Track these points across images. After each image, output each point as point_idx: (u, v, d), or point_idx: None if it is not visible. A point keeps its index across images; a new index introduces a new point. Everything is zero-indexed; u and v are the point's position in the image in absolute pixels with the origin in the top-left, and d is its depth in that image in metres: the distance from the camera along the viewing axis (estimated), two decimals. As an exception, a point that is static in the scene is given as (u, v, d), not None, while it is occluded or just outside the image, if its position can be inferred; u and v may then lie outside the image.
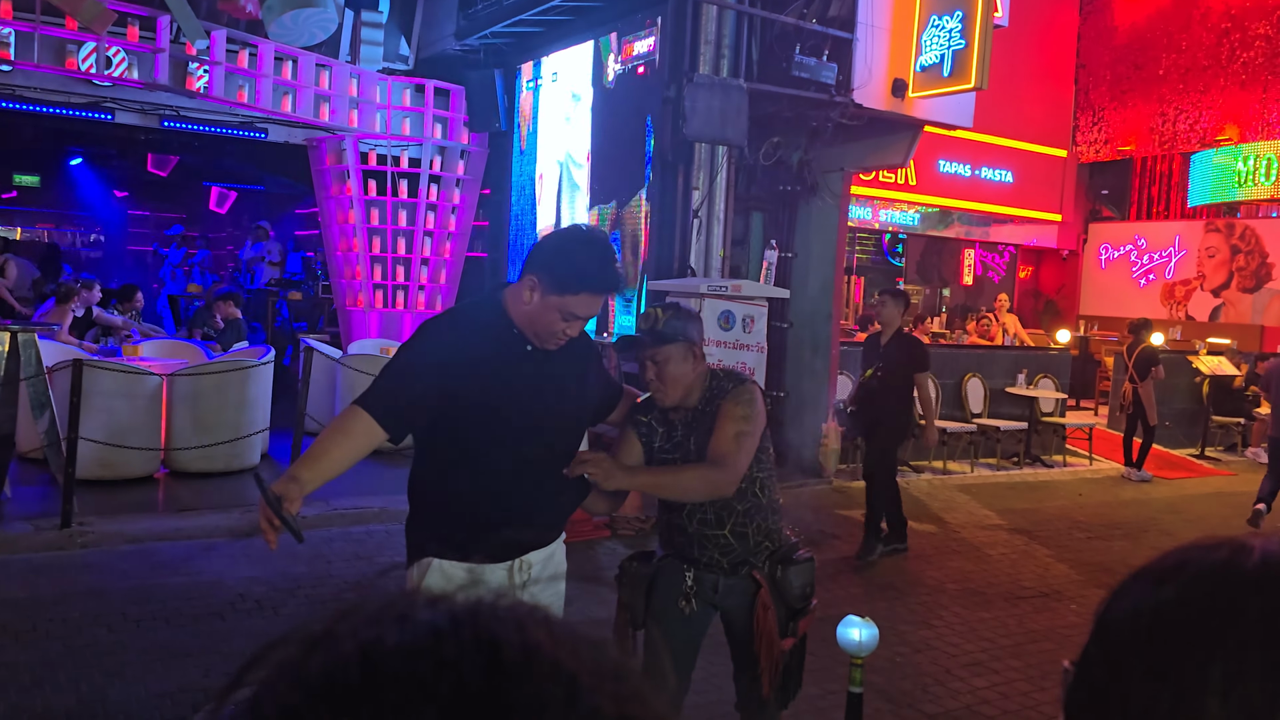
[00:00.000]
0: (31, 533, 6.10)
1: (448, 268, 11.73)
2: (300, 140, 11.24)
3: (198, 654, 4.63)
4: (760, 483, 2.97)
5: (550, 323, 2.49)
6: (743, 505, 2.94)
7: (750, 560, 2.97)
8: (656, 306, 2.89)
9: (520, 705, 0.45)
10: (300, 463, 2.40)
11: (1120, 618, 0.69)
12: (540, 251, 2.55)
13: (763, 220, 9.67)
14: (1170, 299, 15.06)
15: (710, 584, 2.99)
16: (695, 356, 2.88)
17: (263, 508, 2.23)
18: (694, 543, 2.97)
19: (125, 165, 16.48)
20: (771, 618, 2.93)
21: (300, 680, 0.47)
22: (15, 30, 8.73)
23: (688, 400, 2.91)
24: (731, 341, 7.41)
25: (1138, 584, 0.70)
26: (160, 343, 8.77)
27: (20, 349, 6.51)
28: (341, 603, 0.53)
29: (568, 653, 0.49)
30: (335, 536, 6.51)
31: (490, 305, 2.60)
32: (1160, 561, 0.71)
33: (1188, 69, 13.56)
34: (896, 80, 8.49)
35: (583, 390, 2.74)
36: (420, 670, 0.46)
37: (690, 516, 2.96)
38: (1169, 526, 8.36)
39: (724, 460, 2.76)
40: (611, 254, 2.57)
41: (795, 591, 2.97)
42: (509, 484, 2.55)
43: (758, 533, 2.97)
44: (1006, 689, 4.81)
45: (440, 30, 11.66)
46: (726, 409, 2.84)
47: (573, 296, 2.47)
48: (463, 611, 0.50)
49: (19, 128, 11.99)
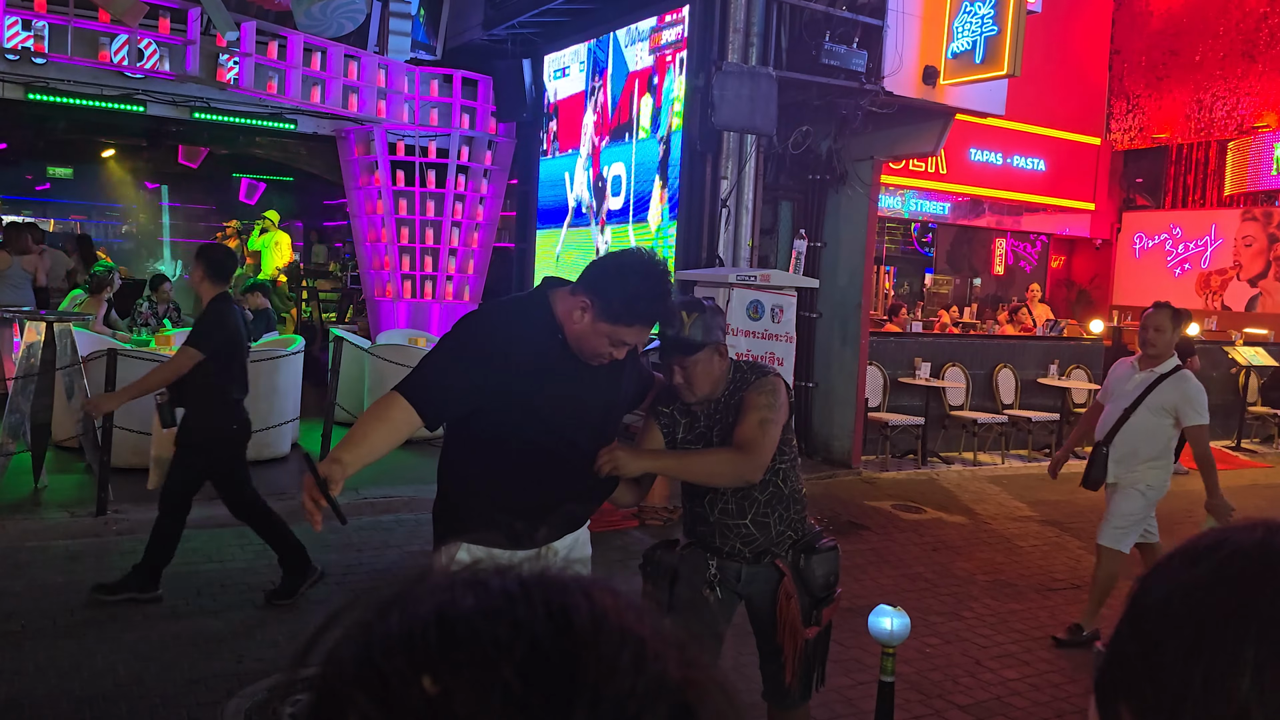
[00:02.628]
0: (68, 520, 6.19)
1: (476, 258, 11.75)
2: (329, 131, 11.29)
3: (230, 640, 4.68)
4: (783, 473, 2.97)
5: (597, 345, 2.51)
6: (764, 495, 2.94)
7: (773, 549, 2.97)
8: (681, 309, 2.85)
9: (590, 666, 0.47)
10: (341, 445, 2.42)
11: (1154, 596, 0.69)
12: (598, 274, 2.53)
13: (791, 209, 9.61)
14: (1206, 288, 14.83)
15: (733, 572, 3.00)
16: (720, 354, 2.89)
17: (309, 488, 2.24)
18: (716, 532, 2.98)
19: (156, 156, 16.61)
20: (795, 606, 2.93)
21: (378, 640, 0.49)
22: (49, 23, 8.82)
23: (712, 394, 2.92)
24: (760, 331, 7.37)
25: (1172, 563, 0.70)
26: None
27: (56, 339, 6.59)
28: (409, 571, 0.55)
29: (634, 619, 0.50)
30: (365, 525, 6.55)
31: (538, 304, 2.59)
32: (1196, 541, 0.71)
33: (1225, 55, 13.33)
34: (927, 67, 8.41)
35: (620, 387, 2.74)
36: (495, 631, 0.48)
37: (711, 505, 2.96)
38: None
39: (749, 446, 2.76)
40: (668, 286, 2.56)
41: (819, 580, 2.96)
42: (541, 476, 2.56)
43: (780, 522, 2.96)
44: (1038, 680, 4.77)
45: (468, 20, 11.67)
46: (750, 399, 2.84)
47: (625, 327, 2.48)
48: (532, 578, 0.52)
49: (53, 120, 12.11)
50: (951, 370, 10.44)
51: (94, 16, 8.83)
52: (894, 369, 10.10)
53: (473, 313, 2.65)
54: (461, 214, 11.54)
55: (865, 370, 9.32)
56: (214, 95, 10.12)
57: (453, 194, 11.40)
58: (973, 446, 10.24)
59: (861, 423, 9.25)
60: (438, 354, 2.53)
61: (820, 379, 9.49)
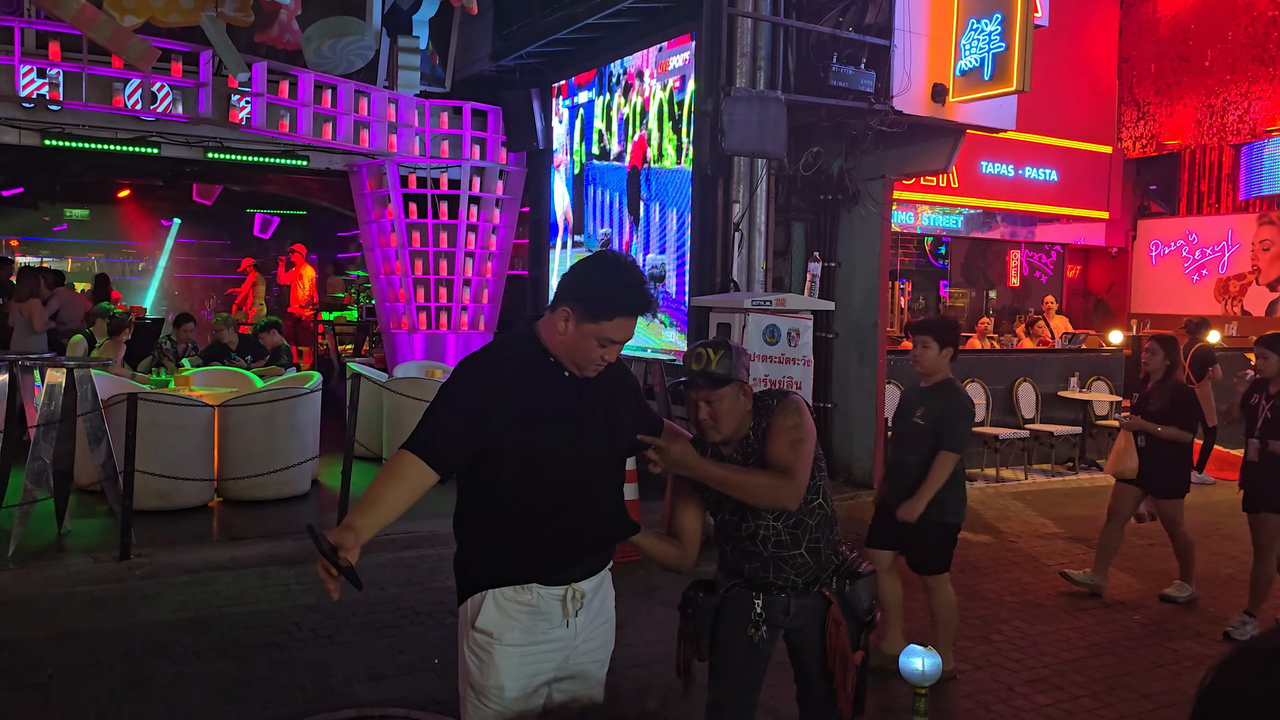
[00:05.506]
0: (92, 565, 6.20)
1: (490, 287, 11.78)
2: (341, 166, 11.37)
3: (257, 685, 4.67)
4: (823, 491, 3.01)
5: (588, 350, 2.51)
6: (814, 520, 2.97)
7: (821, 577, 2.99)
8: (707, 346, 2.88)
9: None
10: (355, 511, 2.41)
11: (1223, 702, 0.67)
12: (569, 281, 2.56)
13: (804, 230, 9.60)
14: (1225, 294, 14.71)
15: (781, 607, 3.00)
16: (746, 394, 2.90)
17: (320, 558, 2.24)
18: (770, 566, 2.98)
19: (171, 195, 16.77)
20: (844, 634, 2.95)
21: None
22: (64, 70, 8.92)
23: (737, 434, 2.92)
24: (777, 356, 7.35)
25: (1241, 666, 0.68)
26: (210, 372, 8.89)
27: (77, 385, 6.63)
28: None
29: None
30: (387, 562, 6.54)
31: (526, 339, 2.61)
32: (1265, 642, 0.69)
33: (1235, 59, 13.27)
34: (936, 85, 8.40)
35: (621, 418, 2.73)
36: None
37: (765, 542, 2.96)
38: (1232, 531, 8.13)
39: (788, 469, 2.77)
40: (640, 275, 2.58)
41: (864, 605, 3.00)
42: (555, 513, 2.55)
43: (828, 546, 3.01)
44: (1071, 705, 4.70)
45: (476, 52, 11.75)
46: (776, 423, 2.86)
47: (607, 322, 2.48)
48: None
49: (69, 164, 12.24)
50: (970, 386, 10.37)
51: (107, 62, 8.92)
52: (912, 387, 10.03)
53: (466, 360, 2.66)
54: (475, 244, 11.58)
55: (884, 389, 9.27)
56: (227, 135, 10.21)
57: (465, 224, 11.45)
58: (995, 462, 10.16)
59: (882, 443, 9.19)
60: (439, 406, 2.53)
61: (839, 399, 9.44)
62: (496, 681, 2.52)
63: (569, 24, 10.06)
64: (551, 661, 2.59)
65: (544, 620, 2.55)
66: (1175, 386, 6.32)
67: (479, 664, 2.55)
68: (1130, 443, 6.36)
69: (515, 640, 2.53)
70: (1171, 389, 6.30)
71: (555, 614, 2.57)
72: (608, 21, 9.75)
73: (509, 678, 2.52)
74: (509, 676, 2.52)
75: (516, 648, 2.53)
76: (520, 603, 2.54)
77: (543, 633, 2.55)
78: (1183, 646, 5.56)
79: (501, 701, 2.53)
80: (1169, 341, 6.48)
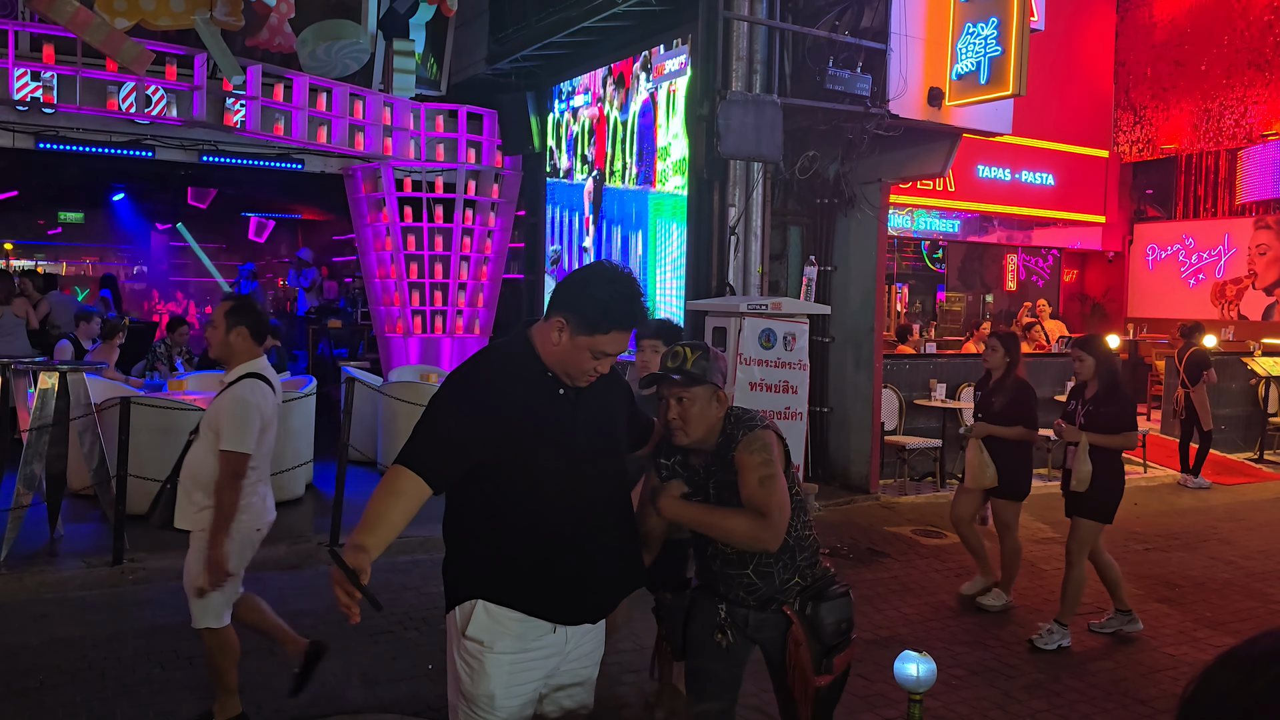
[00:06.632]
0: (84, 570, 6.17)
1: (485, 291, 11.77)
2: (336, 169, 11.35)
3: (250, 690, 4.63)
4: None
5: (580, 362, 2.49)
6: None
7: (778, 597, 2.92)
8: (685, 345, 2.85)
9: None
10: (360, 530, 2.39)
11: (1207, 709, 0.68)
12: (566, 291, 2.52)
13: (801, 234, 9.59)
14: (1221, 299, 14.73)
15: (742, 618, 2.97)
16: (719, 400, 2.83)
17: (340, 581, 2.23)
18: (719, 580, 2.96)
19: (166, 198, 16.76)
20: (804, 654, 2.87)
21: None
22: (58, 74, 8.90)
23: (706, 442, 2.85)
24: (773, 360, 7.33)
25: (1226, 672, 0.69)
26: (204, 376, 8.85)
27: (69, 388, 6.60)
28: None
29: None
30: (380, 567, 6.45)
31: (519, 346, 2.57)
32: (1249, 649, 0.69)
33: (1231, 64, 13.30)
34: (932, 89, 8.39)
35: (616, 428, 2.71)
36: None
37: (713, 556, 2.94)
38: (1229, 535, 8.13)
39: (765, 511, 2.69)
40: (637, 289, 2.54)
41: (829, 628, 2.88)
42: (551, 539, 2.52)
43: (784, 570, 2.90)
44: (1067, 711, 4.69)
45: (472, 55, 11.74)
46: (742, 460, 2.76)
47: (602, 336, 2.46)
48: None
49: (63, 167, 12.22)
50: (967, 391, 10.35)
51: (102, 65, 8.90)
52: (909, 391, 10.03)
53: (458, 370, 2.62)
54: (470, 248, 11.56)
55: (880, 393, 9.25)
56: (222, 138, 10.19)
57: (460, 228, 11.43)
58: (991, 466, 10.13)
59: (878, 447, 9.18)
60: (431, 418, 2.50)
61: (835, 404, 9.43)
62: (488, 690, 2.50)
63: (564, 27, 10.05)
64: (543, 668, 2.56)
65: (534, 627, 2.53)
66: (1016, 384, 6.18)
67: (470, 672, 2.53)
68: (983, 452, 6.18)
69: (507, 648, 2.50)
70: (1012, 387, 6.17)
71: (546, 622, 2.55)
72: (603, 25, 9.75)
73: (500, 686, 2.50)
74: (500, 685, 2.50)
75: (508, 655, 2.50)
76: (511, 612, 2.52)
77: (534, 639, 2.53)
78: (1179, 651, 5.55)
79: (493, 710, 2.50)
80: (1009, 338, 6.40)
